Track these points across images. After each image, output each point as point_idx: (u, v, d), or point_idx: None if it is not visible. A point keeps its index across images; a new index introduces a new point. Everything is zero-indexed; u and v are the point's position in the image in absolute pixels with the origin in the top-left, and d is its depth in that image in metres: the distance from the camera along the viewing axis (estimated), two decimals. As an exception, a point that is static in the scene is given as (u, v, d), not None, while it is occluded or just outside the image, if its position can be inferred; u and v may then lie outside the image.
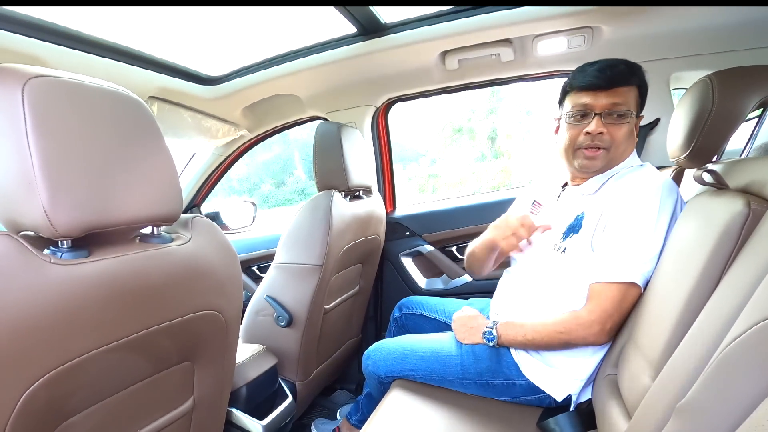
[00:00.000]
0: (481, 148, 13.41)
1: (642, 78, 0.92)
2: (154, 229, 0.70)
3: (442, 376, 1.07)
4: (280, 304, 1.24)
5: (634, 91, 0.91)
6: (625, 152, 0.95)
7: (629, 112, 0.90)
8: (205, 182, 2.03)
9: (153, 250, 0.67)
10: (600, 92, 0.90)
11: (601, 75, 0.89)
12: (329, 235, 1.20)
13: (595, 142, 0.92)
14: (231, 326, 0.86)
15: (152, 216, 0.65)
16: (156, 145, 0.66)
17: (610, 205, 0.90)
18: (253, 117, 1.80)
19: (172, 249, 0.70)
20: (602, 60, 0.92)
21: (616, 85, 0.89)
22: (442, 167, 13.80)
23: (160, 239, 0.70)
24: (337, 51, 1.42)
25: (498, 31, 1.26)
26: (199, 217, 0.79)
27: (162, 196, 0.66)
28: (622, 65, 0.90)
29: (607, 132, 0.91)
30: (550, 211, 1.06)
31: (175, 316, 0.72)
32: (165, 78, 1.35)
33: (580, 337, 0.86)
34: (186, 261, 0.72)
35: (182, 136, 1.59)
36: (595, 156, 0.93)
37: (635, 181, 0.90)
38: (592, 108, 0.91)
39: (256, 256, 1.98)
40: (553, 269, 0.97)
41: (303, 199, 14.04)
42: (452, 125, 13.57)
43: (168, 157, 0.68)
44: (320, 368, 1.40)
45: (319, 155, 1.32)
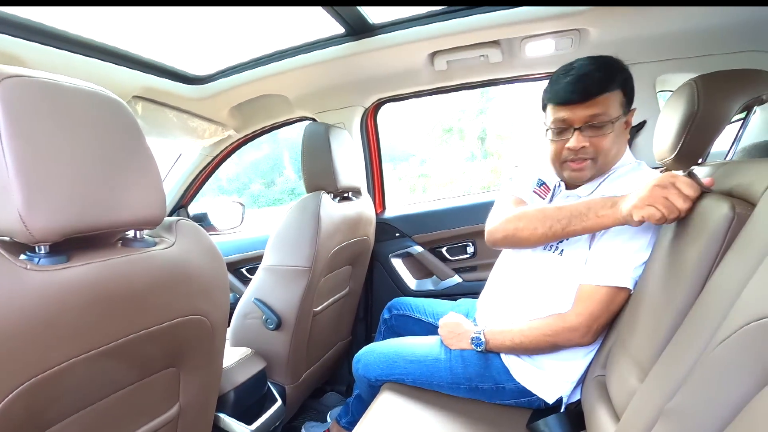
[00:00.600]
0: (471, 148, 13.49)
1: (624, 76, 0.88)
2: (136, 232, 0.69)
3: (431, 380, 1.07)
4: (269, 306, 1.23)
5: (615, 95, 0.86)
6: (617, 155, 0.92)
7: (610, 121, 0.86)
8: (192, 183, 2.00)
9: (135, 255, 0.65)
10: (576, 106, 0.86)
11: (575, 89, 0.85)
12: (318, 237, 1.19)
13: (579, 155, 0.90)
14: (217, 331, 0.85)
15: (134, 219, 0.63)
16: (137, 147, 0.64)
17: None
18: (241, 117, 1.78)
19: (156, 253, 0.69)
20: (576, 67, 0.87)
21: (591, 96, 0.84)
22: (433, 167, 13.85)
23: (142, 243, 0.69)
24: (326, 51, 1.41)
25: (486, 32, 1.26)
26: (183, 221, 0.77)
27: (144, 199, 0.64)
28: (597, 73, 0.84)
29: (590, 143, 0.88)
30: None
31: (160, 322, 0.71)
32: (149, 77, 1.33)
33: (566, 339, 0.87)
34: (170, 265, 0.70)
35: (168, 136, 1.57)
36: (581, 168, 0.91)
37: (632, 184, 0.87)
38: (571, 123, 0.88)
39: (244, 258, 1.96)
40: (547, 271, 0.95)
41: (293, 198, 13.93)
42: (442, 125, 13.63)
43: (150, 159, 0.66)
44: (310, 371, 1.39)
45: (307, 156, 1.31)
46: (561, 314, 0.89)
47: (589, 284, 0.86)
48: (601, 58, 0.88)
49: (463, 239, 1.67)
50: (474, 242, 1.66)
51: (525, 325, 0.93)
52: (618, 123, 0.88)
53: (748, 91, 0.84)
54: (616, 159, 0.93)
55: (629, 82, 0.89)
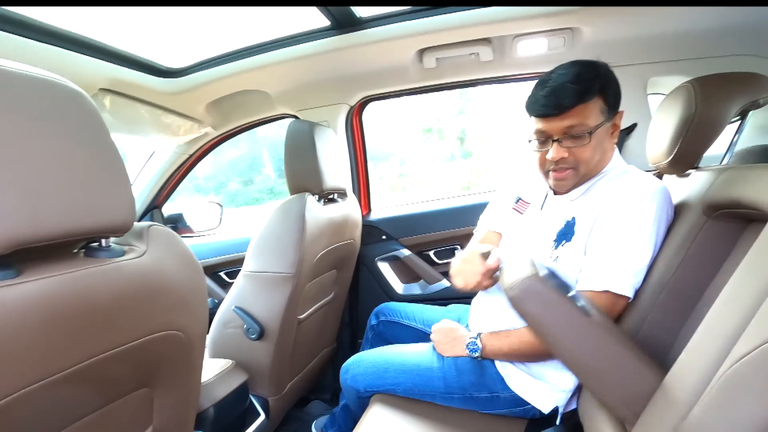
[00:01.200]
0: (450, 149, 13.57)
1: (603, 82, 0.85)
2: (101, 241, 0.61)
3: (423, 391, 1.02)
4: (250, 315, 1.16)
5: (593, 104, 0.84)
6: (603, 160, 0.91)
7: (588, 132, 0.85)
8: (167, 182, 1.89)
9: (100, 266, 0.58)
10: (552, 119, 0.85)
11: (549, 102, 0.84)
12: (303, 242, 1.13)
13: (560, 165, 0.89)
14: (195, 346, 0.78)
15: (97, 226, 0.56)
16: (101, 144, 0.57)
17: (604, 210, 0.86)
18: (218, 114, 1.69)
19: (124, 263, 0.61)
20: (552, 78, 0.86)
21: (567, 109, 0.83)
22: (413, 167, 13.85)
23: (108, 253, 0.61)
24: (309, 45, 1.34)
25: (478, 29, 1.22)
26: (156, 227, 0.70)
27: (109, 203, 0.57)
28: (572, 84, 0.83)
29: (570, 153, 0.87)
30: (536, 219, 1.01)
31: (130, 340, 0.63)
32: (118, 69, 1.23)
33: None
34: (141, 276, 0.63)
35: (139, 132, 1.47)
36: (563, 177, 0.90)
37: (630, 186, 0.86)
38: (549, 134, 0.88)
39: (223, 261, 1.87)
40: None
41: (272, 198, 13.71)
42: (422, 125, 13.64)
43: (116, 157, 0.59)
44: (294, 381, 1.32)
45: (290, 156, 1.24)
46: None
47: (590, 290, 0.83)
48: (578, 65, 0.86)
49: (451, 242, 1.64)
50: (462, 245, 1.63)
51: (523, 330, 0.90)
52: (599, 130, 0.86)
53: (745, 94, 0.83)
54: (602, 164, 0.91)
55: (611, 86, 0.87)
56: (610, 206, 0.84)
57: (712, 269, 0.74)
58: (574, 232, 0.89)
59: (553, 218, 0.95)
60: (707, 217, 0.73)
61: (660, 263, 0.78)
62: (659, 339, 0.78)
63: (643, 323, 0.79)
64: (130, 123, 1.39)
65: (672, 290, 0.76)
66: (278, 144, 1.27)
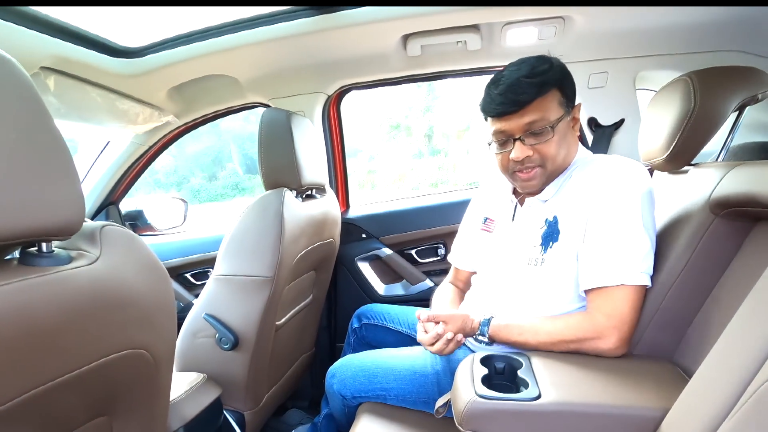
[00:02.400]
0: (418, 146, 13.65)
1: (559, 74, 0.82)
2: (42, 245, 0.50)
3: (416, 398, 0.96)
4: (223, 323, 1.05)
5: (552, 96, 0.82)
6: (569, 155, 0.87)
7: (550, 125, 0.82)
8: (124, 176, 1.72)
9: (40, 277, 0.47)
10: (511, 116, 0.82)
11: (506, 100, 0.81)
12: (281, 242, 1.03)
13: (526, 165, 0.85)
14: (162, 364, 0.67)
15: (35, 228, 0.45)
16: (40, 129, 0.46)
17: (588, 203, 0.81)
18: (182, 100, 1.54)
19: (71, 272, 0.50)
20: (505, 75, 0.83)
21: (525, 104, 0.80)
22: (381, 163, 13.83)
23: (51, 260, 0.50)
24: (283, 26, 1.23)
25: (466, 14, 1.15)
26: (111, 227, 0.59)
27: (51, 198, 0.46)
28: (527, 78, 0.80)
29: (534, 151, 0.84)
30: (509, 230, 0.96)
31: (81, 364, 0.53)
32: (64, 45, 1.07)
33: (594, 347, 0.76)
34: (93, 287, 0.52)
35: (91, 120, 1.30)
36: (531, 176, 0.86)
37: (608, 174, 0.81)
38: (510, 134, 0.84)
39: (189, 262, 1.73)
40: (529, 283, 0.87)
41: (238, 194, 13.28)
42: (390, 121, 13.64)
43: (59, 144, 0.48)
44: (272, 392, 1.22)
45: (265, 148, 1.13)
46: (587, 315, 0.78)
47: (603, 287, 0.76)
48: (530, 59, 0.84)
49: (433, 240, 1.58)
50: (445, 243, 1.58)
51: (541, 326, 0.81)
52: (560, 124, 0.83)
53: (744, 89, 0.82)
54: (568, 159, 0.88)
55: (567, 78, 0.85)
56: (595, 198, 0.80)
57: (720, 268, 0.72)
58: (559, 231, 0.85)
59: (531, 223, 0.90)
60: (715, 216, 0.71)
61: (667, 262, 0.75)
62: (667, 337, 0.76)
63: (651, 321, 0.76)
64: (79, 108, 1.23)
65: (679, 289, 0.73)
66: (243, 137, 1.16)
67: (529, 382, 0.68)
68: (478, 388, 0.67)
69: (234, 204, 12.15)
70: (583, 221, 0.81)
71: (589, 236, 0.80)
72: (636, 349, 0.77)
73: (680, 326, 0.75)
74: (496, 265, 0.96)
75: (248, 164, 13.41)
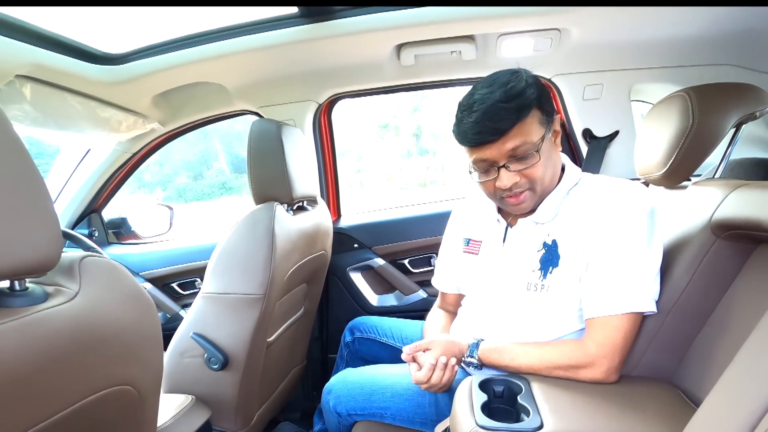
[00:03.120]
0: (406, 145, 13.67)
1: (535, 92, 0.76)
2: (15, 283, 0.46)
3: (413, 418, 0.94)
4: (212, 342, 1.01)
5: (532, 117, 0.76)
6: (555, 172, 0.83)
7: (535, 149, 0.76)
8: (107, 183, 1.66)
9: (14, 320, 0.43)
10: (491, 145, 0.76)
11: (483, 129, 0.75)
12: (273, 259, 0.99)
13: (514, 191, 0.80)
14: (147, 399, 0.64)
15: (8, 267, 0.41)
16: (11, 158, 0.43)
17: (591, 228, 0.78)
18: (167, 108, 1.49)
19: (49, 313, 0.47)
20: (477, 100, 0.75)
21: (505, 132, 0.74)
22: (369, 163, 13.81)
23: (25, 299, 0.46)
24: (275, 34, 1.19)
25: (462, 25, 1.14)
26: (91, 258, 0.55)
27: (24, 234, 0.43)
28: (504, 103, 0.73)
29: (521, 175, 0.78)
30: (500, 253, 0.91)
31: (61, 409, 0.49)
32: (41, 52, 1.02)
33: (586, 376, 0.75)
34: (72, 327, 0.49)
35: (71, 128, 1.25)
36: (521, 200, 0.81)
37: (613, 198, 0.78)
38: (492, 161, 0.78)
39: (176, 271, 1.68)
40: (530, 308, 0.84)
41: (224, 193, 13.11)
42: (378, 121, 13.63)
43: (32, 174, 0.45)
44: (262, 409, 1.19)
45: (255, 160, 1.09)
46: (579, 343, 0.77)
47: (611, 315, 0.74)
48: (500, 78, 0.77)
49: (426, 250, 1.56)
50: (438, 253, 1.55)
51: (532, 351, 0.80)
52: (544, 143, 0.78)
53: (743, 106, 0.81)
54: (556, 175, 0.84)
55: (544, 93, 0.78)
56: (597, 223, 0.77)
57: (721, 289, 0.71)
58: (559, 256, 0.81)
59: (526, 246, 0.86)
60: (716, 237, 0.70)
61: (668, 283, 0.74)
62: (666, 359, 0.75)
63: (650, 343, 0.75)
64: (58, 116, 1.18)
65: (680, 311, 0.73)
66: (231, 134, 1.12)
67: (530, 410, 0.67)
68: (479, 419, 0.65)
69: (220, 203, 11.99)
70: (585, 246, 0.78)
71: (592, 262, 0.77)
72: (635, 371, 0.77)
73: (680, 348, 0.74)
74: (488, 290, 0.92)
75: (235, 163, 13.24)
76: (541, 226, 0.85)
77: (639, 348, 0.76)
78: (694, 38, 1.12)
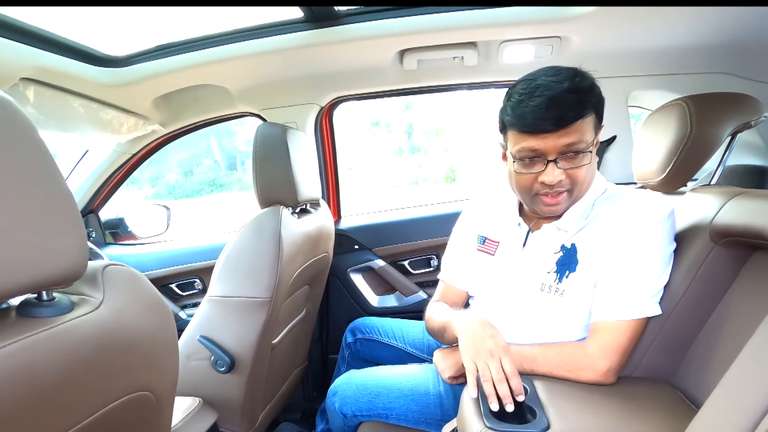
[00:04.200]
0: (398, 143, 13.66)
1: (597, 95, 0.75)
2: (43, 293, 0.47)
3: (418, 418, 0.96)
4: (218, 345, 1.02)
5: (590, 119, 0.74)
6: (591, 180, 0.82)
7: (588, 150, 0.75)
8: (105, 184, 1.65)
9: (43, 332, 0.44)
10: (549, 135, 0.73)
11: (548, 115, 0.71)
12: (280, 262, 1.00)
13: (555, 189, 0.77)
14: (164, 404, 0.65)
15: (37, 280, 0.42)
16: (42, 173, 0.43)
17: (611, 236, 0.79)
18: (168, 109, 1.49)
19: (76, 323, 0.48)
20: (543, 86, 0.72)
21: (567, 123, 0.71)
22: (361, 160, 13.76)
23: (52, 309, 0.47)
24: (279, 39, 1.20)
25: (465, 32, 1.16)
26: (113, 267, 0.56)
27: (53, 247, 0.43)
28: (571, 95, 0.71)
29: (567, 175, 0.76)
30: (518, 256, 0.90)
31: (86, 416, 0.50)
32: (45, 55, 1.01)
33: (586, 377, 0.77)
34: (98, 336, 0.50)
35: (72, 130, 1.24)
36: (557, 202, 0.79)
37: (638, 208, 0.79)
38: (544, 153, 0.75)
39: (175, 272, 1.67)
40: (545, 312, 0.85)
41: (214, 190, 12.98)
42: (370, 119, 13.59)
43: (61, 187, 0.46)
44: (266, 410, 1.20)
45: (261, 164, 1.10)
46: (580, 346, 0.79)
47: (622, 319, 0.76)
48: (569, 71, 0.74)
49: (426, 252, 1.58)
50: (438, 255, 1.58)
51: (537, 352, 0.81)
52: (593, 147, 0.78)
53: (739, 115, 0.85)
54: (591, 183, 0.83)
55: (601, 99, 0.77)
56: (618, 232, 0.78)
57: (719, 293, 0.74)
58: (577, 261, 0.81)
59: (545, 250, 0.86)
60: (714, 243, 0.73)
61: (669, 287, 0.77)
62: (666, 360, 0.78)
63: (651, 345, 0.78)
64: (60, 119, 1.17)
65: (679, 315, 0.76)
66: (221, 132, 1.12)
67: (536, 411, 0.69)
68: (488, 420, 0.67)
69: (211, 200, 11.86)
70: (605, 254, 0.79)
71: (608, 268, 0.78)
72: (636, 372, 0.80)
73: (679, 349, 0.77)
74: (502, 291, 0.92)
75: (227, 161, 13.10)
76: (564, 234, 0.84)
77: (640, 350, 0.78)
78: (689, 47, 1.15)
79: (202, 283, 1.68)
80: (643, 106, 1.38)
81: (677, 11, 1.00)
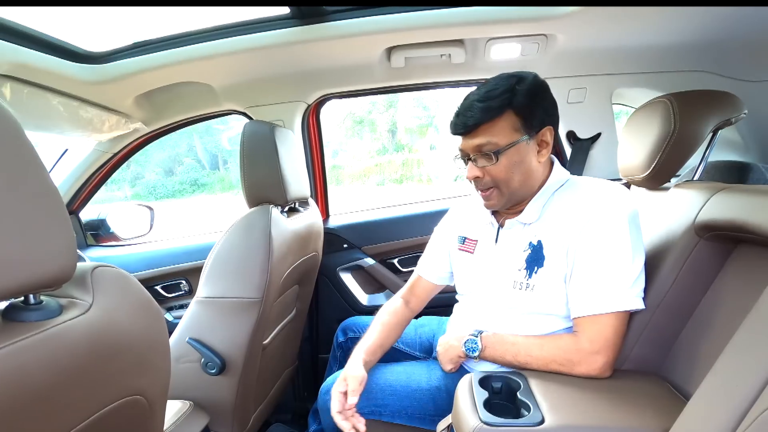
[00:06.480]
0: (382, 141, 13.65)
1: (521, 99, 0.80)
2: (30, 297, 0.46)
3: (412, 413, 0.96)
4: (208, 347, 1.00)
5: (503, 121, 0.81)
6: (529, 180, 0.86)
7: (494, 151, 0.82)
8: (85, 184, 1.60)
9: (32, 336, 0.43)
10: (464, 137, 0.85)
11: (458, 121, 0.84)
12: (270, 262, 0.99)
13: (480, 186, 0.88)
14: (156, 407, 0.64)
15: (24, 283, 0.41)
16: (29, 174, 0.42)
17: (573, 229, 0.81)
18: (151, 108, 1.45)
19: (65, 327, 0.46)
20: (467, 97, 0.85)
21: (474, 128, 0.82)
22: (346, 159, 13.70)
23: (40, 312, 0.46)
24: (265, 35, 1.18)
25: (452, 30, 1.16)
26: (103, 268, 0.54)
27: (41, 249, 0.42)
28: (479, 103, 0.81)
29: (485, 173, 0.85)
30: (492, 252, 0.95)
31: (77, 422, 0.49)
32: (22, 51, 0.98)
33: (581, 372, 0.78)
34: (89, 340, 0.49)
35: (52, 129, 1.20)
36: (488, 196, 0.88)
37: (594, 199, 0.82)
38: (465, 153, 0.88)
39: (159, 274, 1.64)
40: (516, 306, 0.88)
41: (196, 190, 12.74)
42: (353, 117, 13.54)
43: (49, 188, 0.44)
44: (258, 412, 1.19)
45: (249, 163, 1.08)
46: (574, 338, 0.80)
47: (598, 314, 0.78)
48: (495, 80, 0.84)
49: (415, 250, 1.59)
50: None
51: (533, 343, 0.83)
52: (511, 150, 0.82)
53: (720, 112, 0.87)
54: (531, 183, 0.86)
55: (533, 102, 0.82)
56: (580, 224, 0.81)
57: (703, 288, 0.76)
58: (544, 257, 0.85)
59: (514, 246, 0.90)
60: (699, 238, 0.75)
61: (655, 281, 0.79)
62: (654, 353, 0.80)
63: (638, 338, 0.80)
64: (39, 117, 1.13)
65: (665, 309, 0.78)
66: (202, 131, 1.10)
67: (530, 405, 0.70)
68: (483, 415, 0.68)
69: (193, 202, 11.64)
70: (569, 247, 0.82)
71: (578, 263, 0.81)
72: (624, 365, 0.82)
73: (666, 342, 0.79)
74: (481, 288, 0.96)
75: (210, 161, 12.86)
76: (528, 227, 0.89)
77: (628, 343, 0.80)
78: (671, 46, 1.18)
79: (189, 284, 1.65)
80: (627, 104, 1.41)
81: (660, 11, 1.02)
